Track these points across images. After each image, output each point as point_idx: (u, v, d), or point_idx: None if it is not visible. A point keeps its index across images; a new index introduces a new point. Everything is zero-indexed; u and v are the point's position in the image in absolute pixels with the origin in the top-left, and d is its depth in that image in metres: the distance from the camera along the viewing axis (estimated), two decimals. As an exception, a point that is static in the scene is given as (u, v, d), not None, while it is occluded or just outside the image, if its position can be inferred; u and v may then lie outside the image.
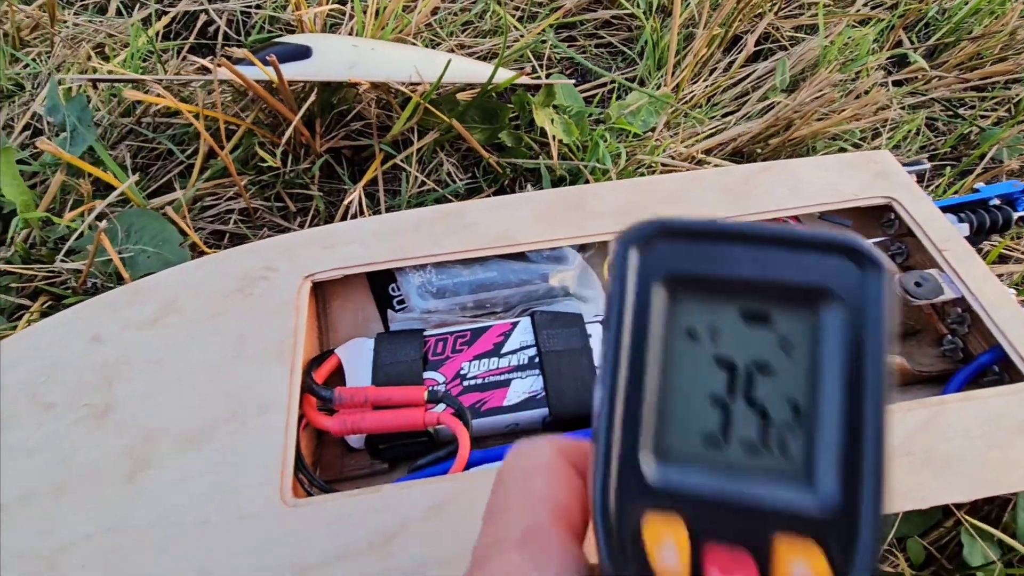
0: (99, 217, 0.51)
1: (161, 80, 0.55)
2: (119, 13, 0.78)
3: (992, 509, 0.42)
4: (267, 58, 0.45)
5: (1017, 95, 0.72)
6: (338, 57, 0.52)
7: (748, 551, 0.12)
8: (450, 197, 0.62)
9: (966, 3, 0.79)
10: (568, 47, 0.77)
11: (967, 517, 0.41)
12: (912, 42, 0.80)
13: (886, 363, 0.12)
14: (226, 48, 0.68)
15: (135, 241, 0.51)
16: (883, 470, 0.12)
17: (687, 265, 0.13)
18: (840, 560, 0.12)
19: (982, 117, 0.73)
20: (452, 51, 0.72)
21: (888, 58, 0.78)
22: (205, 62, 0.48)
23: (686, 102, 0.70)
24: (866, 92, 0.65)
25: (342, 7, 0.73)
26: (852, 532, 0.12)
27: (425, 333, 0.39)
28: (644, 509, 0.13)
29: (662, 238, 0.13)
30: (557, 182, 0.63)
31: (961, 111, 0.74)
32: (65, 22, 0.74)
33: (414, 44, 0.71)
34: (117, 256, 0.44)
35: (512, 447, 0.16)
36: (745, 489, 0.12)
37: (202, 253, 0.51)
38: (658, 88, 0.71)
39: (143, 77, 0.51)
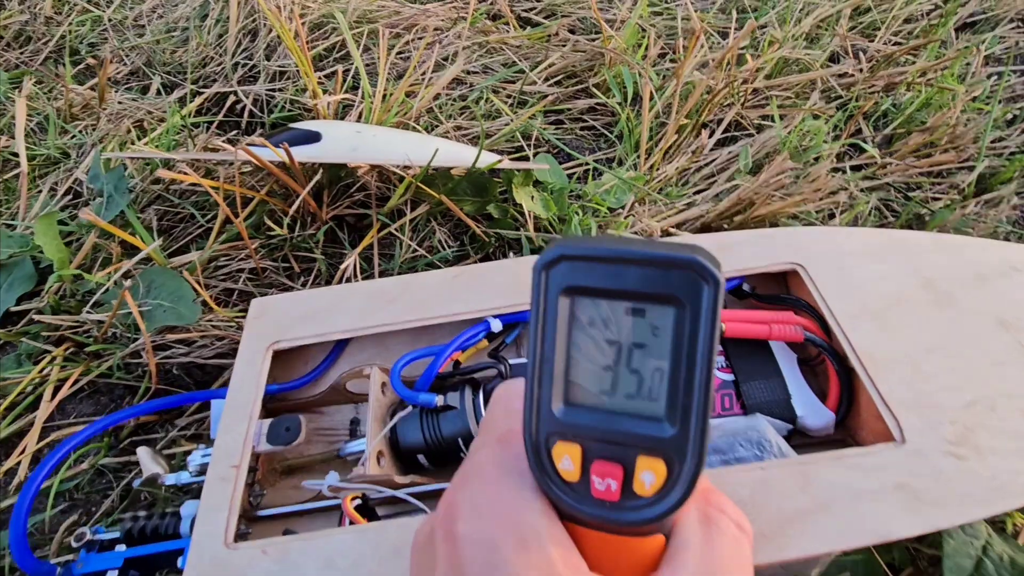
0: (125, 275, 0.58)
1: (188, 160, 0.63)
2: (159, 93, 0.88)
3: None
4: (280, 145, 0.52)
5: (963, 181, 0.79)
6: (343, 142, 0.60)
7: (620, 464, 0.18)
8: (439, 264, 0.68)
9: (917, 97, 0.87)
10: (555, 129, 0.85)
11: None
12: (870, 131, 0.88)
13: (712, 345, 0.18)
14: (245, 138, 0.77)
15: (154, 296, 0.57)
16: (706, 413, 0.18)
17: (582, 280, 0.19)
18: (676, 470, 0.18)
19: (934, 199, 0.79)
20: (448, 132, 0.81)
21: (850, 145, 0.85)
22: (225, 145, 0.56)
23: (659, 181, 0.77)
24: (816, 179, 0.72)
25: (352, 96, 0.82)
26: (683, 453, 0.18)
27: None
28: (555, 438, 0.19)
29: (563, 261, 0.19)
30: (537, 251, 0.69)
31: (916, 194, 0.80)
32: (110, 100, 0.84)
33: (416, 127, 0.79)
34: (137, 310, 0.50)
35: (501, 383, 0.24)
36: (623, 427, 0.18)
37: (212, 310, 0.57)
38: (635, 168, 0.79)
39: (172, 155, 0.59)
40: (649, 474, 0.18)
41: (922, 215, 0.78)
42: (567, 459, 0.19)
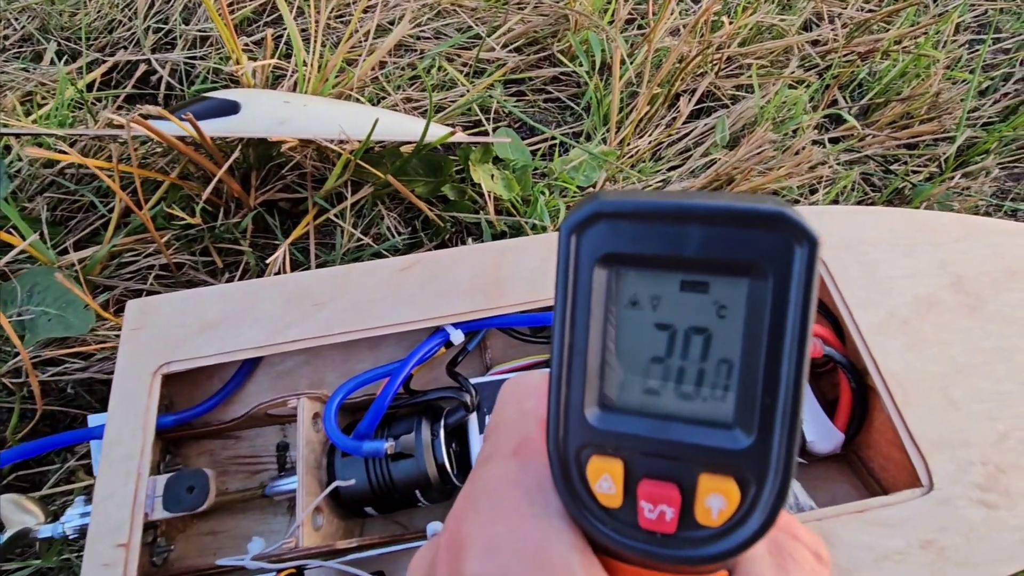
0: (1, 277, 0.47)
1: (75, 135, 0.52)
2: (53, 63, 0.76)
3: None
4: (183, 115, 0.43)
5: (944, 152, 0.75)
6: (268, 113, 0.51)
7: (676, 484, 0.14)
8: (386, 253, 0.60)
9: (894, 66, 0.83)
10: (517, 101, 0.78)
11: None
12: (846, 101, 0.83)
13: (806, 326, 0.13)
14: (139, 105, 0.67)
15: (37, 302, 0.47)
16: (796, 419, 0.13)
17: (624, 245, 0.14)
18: (753, 493, 0.13)
19: (914, 172, 0.75)
20: (397, 105, 0.72)
21: (824, 116, 0.80)
22: (118, 117, 0.46)
23: (631, 156, 0.70)
24: (799, 152, 0.66)
25: (286, 63, 0.72)
26: (763, 471, 0.13)
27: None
28: (589, 451, 0.15)
29: (599, 221, 0.14)
30: (498, 236, 0.62)
31: (894, 167, 0.76)
32: (-7, 70, 0.72)
33: (359, 99, 0.70)
34: (6, 320, 0.41)
35: (509, 378, 0.18)
36: (678, 435, 0.14)
37: (104, 319, 0.48)
38: (604, 142, 0.72)
39: (53, 132, 0.49)
40: (717, 498, 0.14)
41: (902, 189, 0.74)
42: (606, 479, 0.15)
